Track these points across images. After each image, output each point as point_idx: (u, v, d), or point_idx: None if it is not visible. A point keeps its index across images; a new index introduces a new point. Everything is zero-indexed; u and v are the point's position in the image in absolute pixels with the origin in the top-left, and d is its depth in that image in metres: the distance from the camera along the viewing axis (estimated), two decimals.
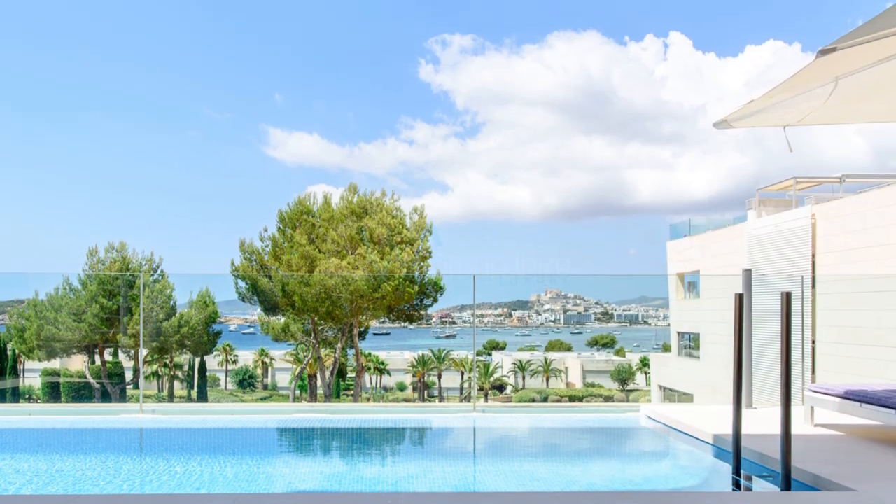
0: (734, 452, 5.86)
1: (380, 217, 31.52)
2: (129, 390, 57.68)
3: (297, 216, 33.07)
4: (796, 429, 7.56)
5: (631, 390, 62.39)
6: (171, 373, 51.69)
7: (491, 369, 60.36)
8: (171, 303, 37.64)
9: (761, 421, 8.27)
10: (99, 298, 36.91)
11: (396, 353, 77.18)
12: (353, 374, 64.61)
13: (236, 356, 69.44)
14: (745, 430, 6.38)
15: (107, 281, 37.60)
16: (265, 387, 70.65)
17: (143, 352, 40.12)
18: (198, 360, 48.15)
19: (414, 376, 68.22)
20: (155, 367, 53.78)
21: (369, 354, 61.63)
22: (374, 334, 69.75)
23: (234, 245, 34.42)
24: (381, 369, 68.81)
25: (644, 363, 65.66)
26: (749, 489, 5.95)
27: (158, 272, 39.22)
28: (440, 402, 63.11)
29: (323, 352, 40.13)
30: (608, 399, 60.47)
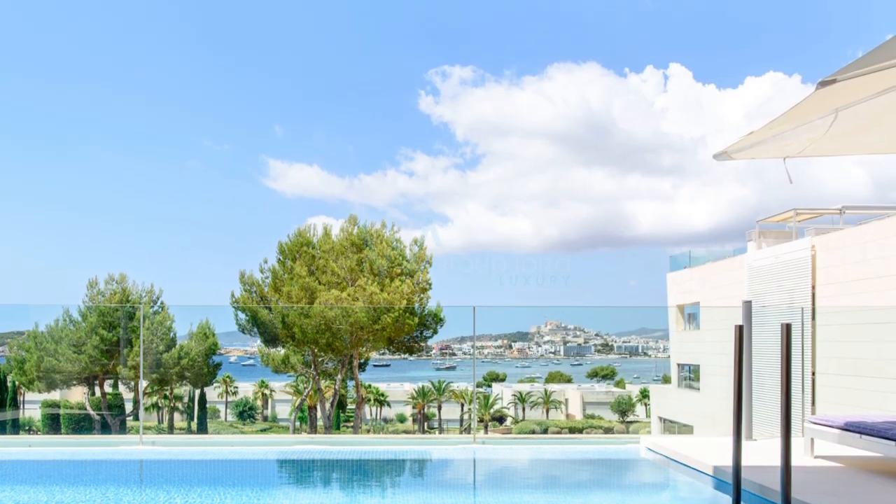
0: (734, 484, 5.83)
1: (380, 249, 31.49)
2: (129, 422, 57.43)
3: (297, 248, 33.04)
4: (796, 460, 7.53)
5: (631, 422, 62.13)
6: (172, 404, 51.47)
7: (491, 401, 60.09)
8: (171, 334, 37.53)
9: (762, 452, 8.23)
10: (99, 330, 36.79)
11: (396, 384, 76.90)
12: (353, 406, 64.43)
13: (236, 388, 69.21)
14: (745, 462, 6.34)
15: (107, 312, 37.51)
16: (265, 418, 70.36)
17: (143, 383, 39.95)
18: (198, 391, 47.96)
19: (414, 408, 67.88)
20: (155, 398, 53.56)
21: (369, 386, 61.49)
22: (374, 366, 69.54)
23: (234, 276, 34.38)
24: (381, 401, 68.56)
25: (644, 395, 65.35)
26: None
27: (158, 304, 39.16)
28: (440, 433, 62.85)
29: (323, 383, 39.95)
30: (608, 431, 60.16)
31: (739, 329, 6.11)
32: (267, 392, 69.83)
